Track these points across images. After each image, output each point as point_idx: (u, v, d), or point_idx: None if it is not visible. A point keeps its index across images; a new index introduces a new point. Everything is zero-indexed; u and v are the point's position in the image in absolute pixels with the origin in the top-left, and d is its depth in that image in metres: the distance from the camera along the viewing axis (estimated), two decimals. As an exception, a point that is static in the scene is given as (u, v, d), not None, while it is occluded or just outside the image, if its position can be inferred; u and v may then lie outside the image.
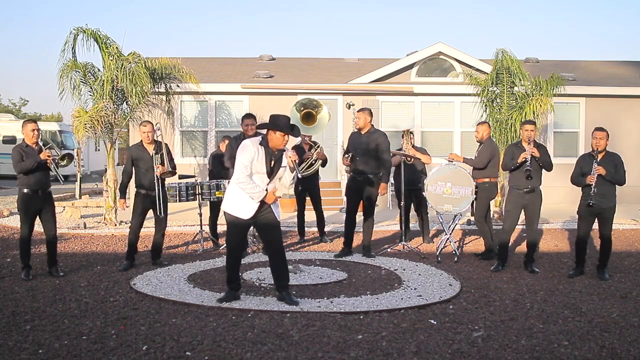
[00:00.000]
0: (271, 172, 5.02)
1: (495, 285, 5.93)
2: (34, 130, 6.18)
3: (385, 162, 7.18)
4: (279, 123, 4.94)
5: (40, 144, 6.24)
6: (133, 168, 6.76)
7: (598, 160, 6.10)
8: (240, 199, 5.04)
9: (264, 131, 5.14)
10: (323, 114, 8.07)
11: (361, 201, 7.37)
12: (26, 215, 6.18)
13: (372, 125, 7.31)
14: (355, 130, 7.44)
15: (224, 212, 5.25)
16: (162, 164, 6.67)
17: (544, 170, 6.54)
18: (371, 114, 7.32)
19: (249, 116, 7.27)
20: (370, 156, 7.14)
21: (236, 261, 5.24)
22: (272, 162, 5.01)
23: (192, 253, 7.64)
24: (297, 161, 4.99)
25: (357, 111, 7.42)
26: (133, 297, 5.43)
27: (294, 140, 6.06)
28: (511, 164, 6.54)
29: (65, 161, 6.40)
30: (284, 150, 5.04)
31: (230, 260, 5.21)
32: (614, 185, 6.14)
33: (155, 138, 6.75)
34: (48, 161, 6.10)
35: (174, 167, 6.85)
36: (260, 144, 4.99)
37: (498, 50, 10.70)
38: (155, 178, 6.63)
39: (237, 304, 5.10)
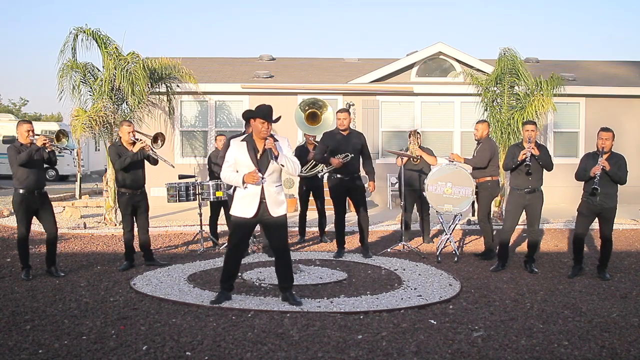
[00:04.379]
0: (259, 164, 4.98)
1: (495, 285, 5.93)
2: (29, 131, 6.19)
3: (371, 160, 7.43)
4: (257, 110, 4.99)
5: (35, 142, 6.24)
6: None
7: (603, 157, 6.10)
8: (241, 199, 5.05)
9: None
10: (328, 115, 8.05)
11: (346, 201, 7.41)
12: (23, 216, 6.19)
13: (349, 126, 7.44)
14: (339, 130, 7.34)
15: (231, 216, 5.20)
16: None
17: (544, 171, 6.54)
18: (350, 114, 7.54)
19: None
20: (356, 156, 7.23)
21: (234, 261, 5.22)
22: (259, 154, 5.00)
23: (192, 253, 7.64)
24: (271, 149, 4.91)
25: (341, 111, 7.40)
26: (133, 297, 5.43)
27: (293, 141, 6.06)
28: (512, 163, 6.54)
29: (62, 140, 6.39)
30: (276, 140, 5.02)
31: (229, 259, 5.20)
32: (616, 185, 6.15)
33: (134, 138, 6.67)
34: (46, 144, 6.12)
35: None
36: (243, 139, 5.07)
37: (503, 49, 10.64)
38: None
39: (237, 304, 5.10)
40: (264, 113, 4.94)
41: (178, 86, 11.35)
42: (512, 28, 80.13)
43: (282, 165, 4.98)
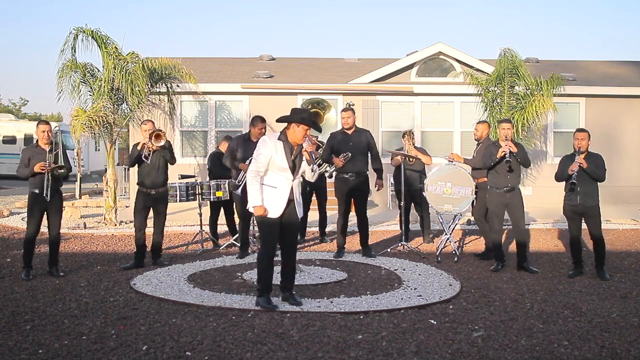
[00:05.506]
0: (294, 167, 4.96)
1: (495, 285, 5.93)
2: (44, 131, 6.24)
3: (379, 158, 7.39)
4: (303, 116, 4.92)
5: (53, 142, 6.28)
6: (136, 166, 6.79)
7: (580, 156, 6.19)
8: (268, 199, 4.92)
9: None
10: (330, 116, 8.04)
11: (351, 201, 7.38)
12: (34, 215, 6.24)
13: (355, 124, 7.41)
14: (343, 130, 7.36)
15: (254, 216, 5.12)
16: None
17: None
18: (354, 113, 7.47)
19: (263, 120, 7.21)
20: (361, 155, 7.23)
21: (271, 263, 5.03)
22: (294, 157, 4.95)
23: (192, 253, 7.64)
24: (312, 152, 4.96)
25: (345, 111, 7.41)
26: (133, 297, 5.43)
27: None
28: (490, 160, 6.56)
29: (62, 170, 6.38)
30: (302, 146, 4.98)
31: (265, 262, 4.99)
32: (596, 183, 6.24)
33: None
34: (43, 171, 6.10)
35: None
36: (279, 138, 4.92)
37: (503, 49, 10.63)
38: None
39: (237, 304, 5.10)
40: (310, 121, 4.93)
41: (178, 86, 11.34)
42: (512, 28, 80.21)
43: (313, 171, 5.01)
